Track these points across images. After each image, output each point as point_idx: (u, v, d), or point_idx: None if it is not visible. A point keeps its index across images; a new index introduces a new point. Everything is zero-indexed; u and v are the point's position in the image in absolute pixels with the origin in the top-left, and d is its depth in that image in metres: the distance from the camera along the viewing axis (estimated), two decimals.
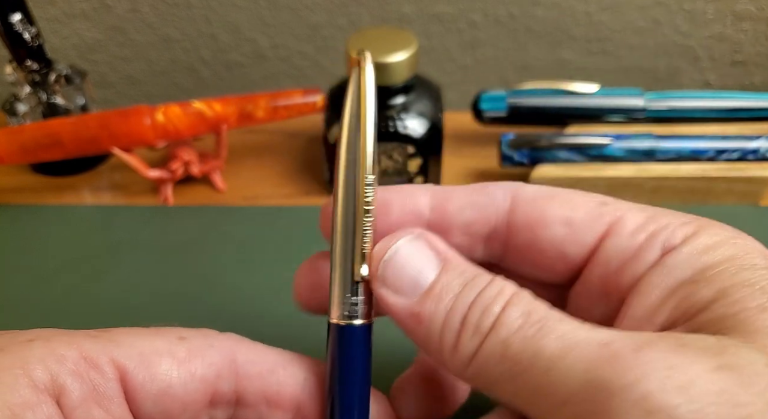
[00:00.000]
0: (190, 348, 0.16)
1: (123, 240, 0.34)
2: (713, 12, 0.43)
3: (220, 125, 0.36)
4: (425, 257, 0.16)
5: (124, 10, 0.45)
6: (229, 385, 0.16)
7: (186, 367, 0.16)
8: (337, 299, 0.16)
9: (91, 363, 0.15)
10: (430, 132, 0.33)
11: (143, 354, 0.15)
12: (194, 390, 0.16)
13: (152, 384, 0.15)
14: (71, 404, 0.14)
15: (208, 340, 0.16)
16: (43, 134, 0.34)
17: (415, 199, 0.17)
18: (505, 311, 0.14)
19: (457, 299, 0.15)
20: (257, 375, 0.17)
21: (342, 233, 0.16)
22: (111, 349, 0.15)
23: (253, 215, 0.35)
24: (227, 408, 0.17)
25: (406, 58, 0.31)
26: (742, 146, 0.33)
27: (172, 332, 0.16)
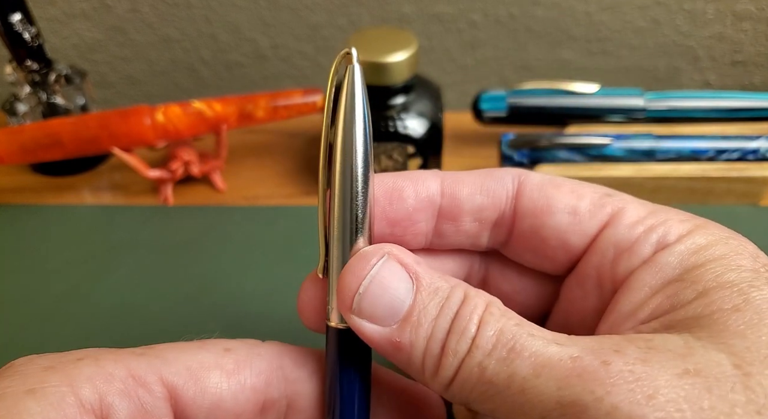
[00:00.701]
0: (237, 359, 0.16)
1: (123, 240, 0.34)
2: (713, 12, 0.43)
3: (220, 125, 0.36)
4: (398, 279, 0.15)
5: (124, 10, 0.45)
6: (279, 392, 0.16)
7: (235, 378, 0.16)
8: (335, 304, 0.16)
9: (140, 382, 0.15)
10: (430, 132, 0.33)
11: (191, 369, 0.15)
12: (245, 401, 0.16)
13: (203, 399, 0.15)
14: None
15: (255, 349, 0.16)
16: (43, 134, 0.34)
17: (427, 185, 0.17)
18: (479, 332, 0.14)
19: (435, 325, 0.15)
20: (307, 377, 0.17)
21: (339, 240, 0.16)
22: (158, 366, 0.15)
23: (253, 215, 0.35)
24: (278, 415, 0.17)
25: (406, 58, 0.31)
26: (742, 146, 0.33)
27: (217, 344, 0.16)
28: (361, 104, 0.16)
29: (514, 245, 0.18)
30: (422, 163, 0.34)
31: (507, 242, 0.18)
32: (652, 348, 0.13)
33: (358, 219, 0.16)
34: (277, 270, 0.31)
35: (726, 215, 0.34)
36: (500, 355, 0.14)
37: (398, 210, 0.17)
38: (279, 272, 0.31)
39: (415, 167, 0.34)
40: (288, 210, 0.35)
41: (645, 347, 0.13)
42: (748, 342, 0.13)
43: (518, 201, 0.17)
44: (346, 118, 0.16)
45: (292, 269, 0.31)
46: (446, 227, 0.18)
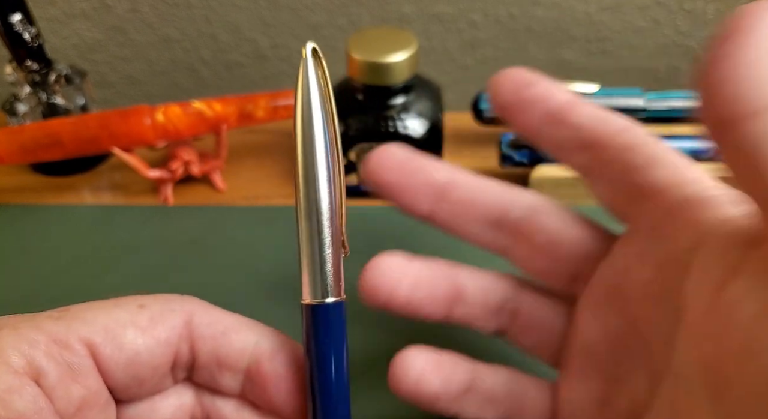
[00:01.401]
0: (152, 315, 0.17)
1: (123, 240, 0.34)
2: (713, 12, 0.43)
3: (220, 125, 0.36)
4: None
5: (124, 10, 0.45)
6: (187, 346, 0.17)
7: (150, 334, 0.16)
8: (307, 279, 0.17)
9: (62, 344, 0.15)
10: (430, 132, 0.33)
11: (108, 327, 0.16)
12: (161, 354, 0.17)
13: (120, 355, 0.16)
14: (50, 384, 0.15)
15: (169, 304, 0.17)
16: (43, 134, 0.34)
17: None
18: None
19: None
20: (210, 336, 0.17)
21: (305, 216, 0.16)
22: (77, 328, 0.16)
23: (253, 215, 0.35)
24: (185, 368, 0.18)
25: (406, 58, 0.31)
26: None
27: (132, 301, 0.17)
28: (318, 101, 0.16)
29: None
30: None
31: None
32: None
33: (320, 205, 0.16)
34: (277, 270, 0.31)
35: None
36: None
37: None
38: (279, 273, 0.31)
39: None
40: (288, 210, 0.35)
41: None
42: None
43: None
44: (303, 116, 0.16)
45: (292, 269, 0.31)
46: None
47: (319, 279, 0.17)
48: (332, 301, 0.17)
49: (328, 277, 0.17)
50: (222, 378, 0.18)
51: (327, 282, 0.17)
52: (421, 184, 0.21)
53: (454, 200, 0.21)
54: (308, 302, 0.17)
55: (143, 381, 0.17)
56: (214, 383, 0.18)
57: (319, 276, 0.17)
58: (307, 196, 0.16)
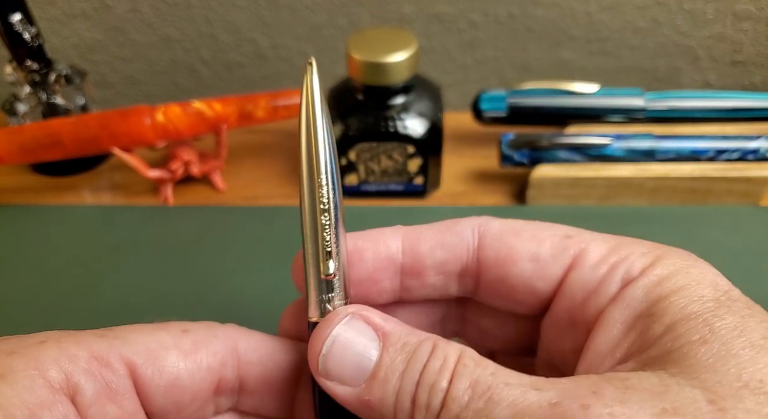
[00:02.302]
0: (195, 339, 0.17)
1: (123, 240, 0.34)
2: (713, 12, 0.43)
3: (220, 125, 0.36)
4: (364, 338, 0.15)
5: (124, 10, 0.45)
6: (233, 372, 0.17)
7: (192, 358, 0.16)
8: (313, 299, 0.17)
9: (102, 362, 0.15)
10: (430, 132, 0.33)
11: (150, 349, 0.16)
12: (201, 380, 0.16)
13: (161, 378, 0.16)
14: (86, 402, 0.15)
15: (211, 331, 0.17)
16: (43, 134, 0.34)
17: (387, 244, 0.18)
18: (453, 385, 0.14)
19: (403, 379, 0.15)
20: (257, 360, 0.17)
21: (310, 236, 0.16)
22: (119, 347, 0.16)
23: (253, 215, 0.35)
24: (231, 395, 0.17)
25: (406, 58, 0.31)
26: (742, 146, 0.33)
27: (176, 326, 0.17)
28: (321, 112, 0.16)
29: (483, 293, 0.18)
30: (422, 163, 0.34)
31: (476, 290, 0.18)
32: (629, 388, 0.13)
33: (323, 218, 0.16)
34: (277, 270, 0.31)
35: (726, 215, 0.34)
36: (477, 407, 0.14)
37: (359, 272, 0.18)
38: (279, 272, 0.31)
39: (415, 167, 0.34)
40: (288, 210, 0.35)
41: (622, 387, 0.13)
42: (719, 376, 0.13)
43: (480, 253, 0.18)
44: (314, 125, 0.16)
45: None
46: (411, 283, 0.18)
47: (323, 297, 0.17)
48: None
49: (335, 295, 0.17)
50: (271, 400, 0.18)
51: (333, 300, 0.17)
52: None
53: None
54: (315, 321, 0.17)
55: (183, 407, 0.16)
56: (263, 407, 0.18)
57: (323, 294, 0.17)
58: (312, 218, 0.16)
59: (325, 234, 0.16)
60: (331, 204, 0.16)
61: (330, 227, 0.16)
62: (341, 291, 0.17)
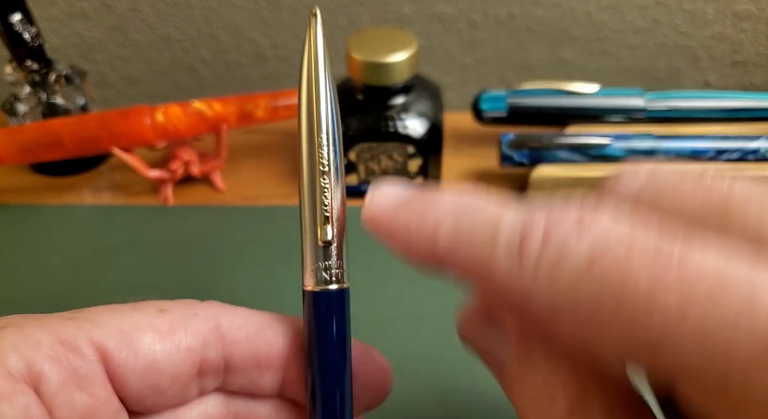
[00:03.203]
0: (172, 319, 0.16)
1: (123, 240, 0.34)
2: (713, 12, 0.43)
3: (220, 125, 0.36)
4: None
5: (124, 10, 0.45)
6: (217, 352, 0.16)
7: (170, 339, 0.15)
8: (309, 266, 0.16)
9: (69, 347, 0.14)
10: (430, 132, 0.33)
11: (123, 331, 0.15)
12: (181, 362, 0.15)
13: (136, 361, 0.15)
14: (51, 390, 0.14)
15: (191, 309, 0.16)
16: (43, 134, 0.34)
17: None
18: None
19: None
20: (244, 338, 0.16)
21: (308, 199, 0.16)
22: (88, 330, 0.15)
23: (253, 215, 0.35)
24: (216, 376, 0.16)
25: (406, 58, 0.31)
26: (743, 146, 0.33)
27: (151, 305, 0.16)
28: (324, 64, 0.15)
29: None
30: (422, 163, 0.34)
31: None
32: None
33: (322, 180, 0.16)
34: (277, 270, 0.31)
35: None
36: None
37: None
38: (279, 272, 0.31)
39: (415, 167, 0.34)
40: (288, 210, 0.35)
41: None
42: None
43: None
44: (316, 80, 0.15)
45: (292, 269, 0.31)
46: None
47: (321, 265, 0.16)
48: (336, 288, 0.16)
49: (332, 262, 0.16)
50: (261, 378, 0.17)
51: (331, 268, 0.16)
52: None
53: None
54: (310, 289, 0.16)
55: (162, 391, 0.15)
56: (253, 386, 0.17)
57: (321, 262, 0.16)
58: (309, 181, 0.15)
59: (324, 198, 0.15)
60: (331, 166, 0.15)
61: (329, 190, 0.16)
62: (339, 260, 0.16)
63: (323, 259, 0.16)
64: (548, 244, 0.11)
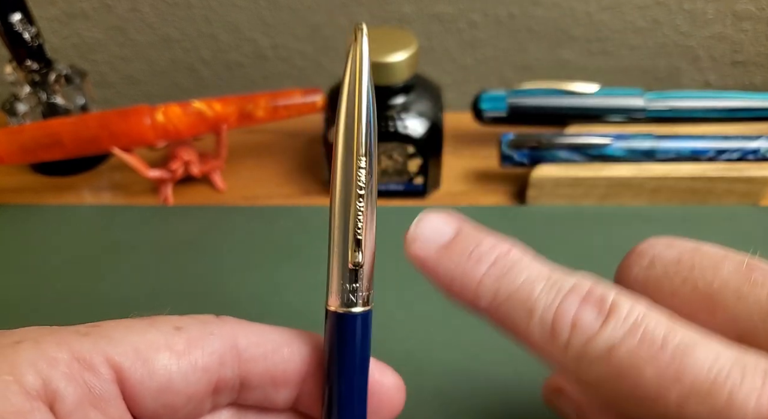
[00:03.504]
0: (189, 338, 0.15)
1: (123, 240, 0.34)
2: (713, 12, 0.43)
3: (220, 125, 0.36)
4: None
5: (124, 10, 0.45)
6: (233, 371, 0.16)
7: (186, 359, 0.15)
8: (335, 287, 0.16)
9: (85, 365, 0.14)
10: (430, 132, 0.33)
11: (138, 349, 0.15)
12: (197, 381, 0.15)
13: (151, 381, 0.15)
14: (66, 409, 0.14)
15: (207, 327, 0.16)
16: (43, 134, 0.34)
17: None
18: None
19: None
20: (261, 356, 0.16)
21: (339, 221, 0.16)
22: (104, 347, 0.14)
23: (253, 215, 0.35)
24: (231, 393, 0.16)
25: (406, 58, 0.31)
26: (742, 146, 0.33)
27: (167, 322, 0.16)
28: (368, 87, 0.15)
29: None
30: (422, 163, 0.34)
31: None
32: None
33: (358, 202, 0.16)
34: (277, 270, 0.31)
35: (726, 215, 0.34)
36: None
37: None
38: (279, 272, 0.31)
39: (415, 167, 0.34)
40: (288, 210, 0.35)
41: None
42: None
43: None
44: (360, 101, 0.15)
45: (292, 269, 0.31)
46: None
47: (348, 287, 0.16)
48: (361, 311, 0.16)
49: (361, 285, 0.16)
50: (276, 395, 0.17)
51: (358, 290, 0.16)
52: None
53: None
54: (335, 310, 0.16)
55: (176, 410, 0.15)
56: (267, 401, 0.17)
57: (348, 284, 0.16)
58: (343, 202, 0.15)
59: (358, 221, 0.15)
60: (367, 189, 0.15)
61: (363, 214, 0.16)
62: (366, 282, 0.16)
63: (351, 281, 0.16)
64: (576, 331, 0.14)
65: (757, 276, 0.14)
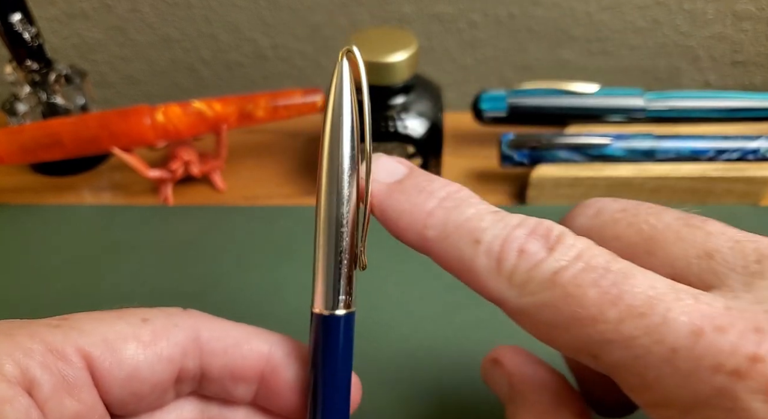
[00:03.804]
0: (155, 329, 0.16)
1: (123, 240, 0.34)
2: (713, 12, 0.43)
3: (220, 125, 0.36)
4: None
5: (124, 10, 0.45)
6: (194, 362, 0.17)
7: (152, 349, 0.16)
8: (320, 290, 0.17)
9: (58, 355, 0.15)
10: (430, 132, 0.33)
11: (108, 339, 0.16)
12: (161, 371, 0.16)
13: (119, 369, 0.15)
14: (43, 396, 0.14)
15: (172, 319, 0.17)
16: (43, 134, 0.34)
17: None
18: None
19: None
20: (222, 350, 0.17)
21: (325, 226, 0.17)
22: (75, 338, 0.15)
23: (253, 215, 0.35)
24: (192, 383, 0.17)
25: (406, 58, 0.31)
26: (742, 146, 0.33)
27: (135, 314, 0.17)
28: (349, 102, 0.16)
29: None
30: (422, 163, 0.34)
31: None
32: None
33: (342, 215, 0.16)
34: (277, 270, 0.31)
35: (726, 215, 0.34)
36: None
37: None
38: (279, 272, 0.31)
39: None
40: (288, 210, 0.35)
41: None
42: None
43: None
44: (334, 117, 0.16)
45: (292, 269, 0.31)
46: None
47: (332, 290, 0.17)
48: (343, 313, 0.17)
49: (341, 288, 0.17)
50: (235, 388, 0.17)
51: (340, 293, 0.17)
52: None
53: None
54: (319, 312, 0.17)
55: (142, 398, 0.16)
56: (226, 394, 0.18)
57: (332, 287, 0.17)
58: (329, 205, 0.16)
59: (358, 232, 0.17)
60: (349, 193, 0.17)
61: (349, 221, 0.17)
62: (348, 286, 0.17)
63: (335, 285, 0.17)
64: (522, 257, 0.14)
65: (695, 221, 0.15)
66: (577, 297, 0.13)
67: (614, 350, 0.13)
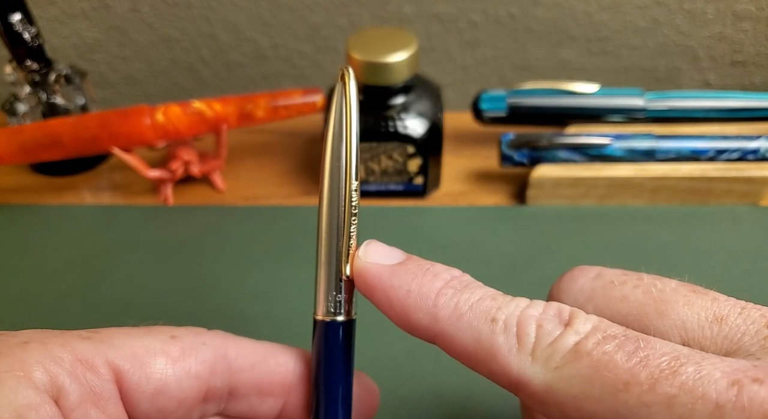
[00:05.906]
0: (184, 346, 0.16)
1: (123, 240, 0.34)
2: (713, 12, 0.43)
3: (220, 125, 0.36)
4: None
5: (124, 10, 0.45)
6: (222, 380, 0.17)
7: (180, 365, 0.16)
8: (322, 297, 0.17)
9: (87, 365, 0.15)
10: (430, 132, 0.33)
11: (137, 354, 0.16)
12: (189, 388, 0.16)
13: (148, 384, 0.16)
14: (69, 405, 0.14)
15: (200, 338, 0.17)
16: (43, 134, 0.34)
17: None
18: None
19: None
20: (249, 366, 0.17)
21: (327, 234, 0.17)
22: (105, 350, 0.15)
23: (253, 215, 0.35)
24: (219, 402, 0.17)
25: (406, 58, 0.31)
26: (742, 146, 0.33)
27: (163, 331, 0.17)
28: (356, 119, 0.17)
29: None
30: (422, 163, 0.34)
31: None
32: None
33: (352, 220, 0.17)
34: (277, 270, 0.31)
35: (726, 215, 0.34)
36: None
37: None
38: (279, 272, 0.31)
39: (415, 167, 0.34)
40: (288, 210, 0.35)
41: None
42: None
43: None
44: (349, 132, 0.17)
45: (292, 269, 0.31)
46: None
47: (333, 297, 0.17)
48: (344, 319, 0.17)
49: (342, 296, 0.17)
50: (262, 405, 0.18)
51: (342, 301, 0.17)
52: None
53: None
54: (321, 319, 0.17)
55: (168, 414, 0.16)
56: (253, 412, 0.18)
57: (334, 294, 0.17)
58: (330, 217, 0.17)
59: (351, 238, 0.17)
60: (358, 208, 0.17)
61: (355, 230, 0.17)
62: (348, 293, 0.17)
63: (336, 292, 0.17)
64: (541, 331, 0.14)
65: (699, 288, 0.15)
66: (605, 363, 0.13)
67: (654, 413, 0.12)
